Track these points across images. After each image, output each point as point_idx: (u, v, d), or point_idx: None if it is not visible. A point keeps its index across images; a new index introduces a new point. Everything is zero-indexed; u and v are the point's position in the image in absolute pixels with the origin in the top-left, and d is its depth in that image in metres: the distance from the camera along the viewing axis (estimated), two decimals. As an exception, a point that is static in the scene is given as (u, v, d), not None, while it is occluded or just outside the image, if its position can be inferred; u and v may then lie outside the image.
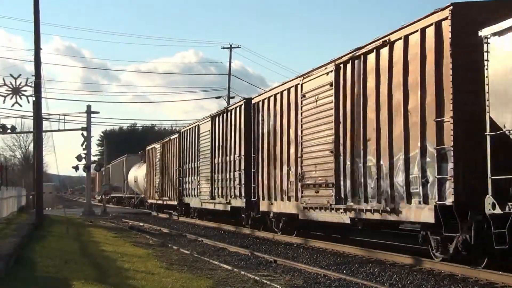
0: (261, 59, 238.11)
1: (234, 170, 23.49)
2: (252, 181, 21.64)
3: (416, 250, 14.20)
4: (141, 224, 30.55)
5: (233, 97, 55.36)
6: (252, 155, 21.74)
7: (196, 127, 29.95)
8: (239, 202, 23.14)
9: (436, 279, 11.38)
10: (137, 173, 49.32)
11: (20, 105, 28.98)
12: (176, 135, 34.19)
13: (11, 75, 28.84)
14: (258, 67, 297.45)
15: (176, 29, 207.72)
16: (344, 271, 12.62)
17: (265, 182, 20.72)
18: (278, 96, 19.92)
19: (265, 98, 21.05)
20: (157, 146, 39.96)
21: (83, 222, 31.21)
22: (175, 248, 17.55)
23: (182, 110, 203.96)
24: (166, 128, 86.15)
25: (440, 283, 11.00)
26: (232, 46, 55.93)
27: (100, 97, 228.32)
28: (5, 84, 28.84)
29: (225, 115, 25.13)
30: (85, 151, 40.73)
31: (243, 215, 23.13)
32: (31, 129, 45.05)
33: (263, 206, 21.03)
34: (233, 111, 24.14)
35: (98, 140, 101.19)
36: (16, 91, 28.53)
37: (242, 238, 21.19)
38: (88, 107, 41.60)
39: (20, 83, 28.60)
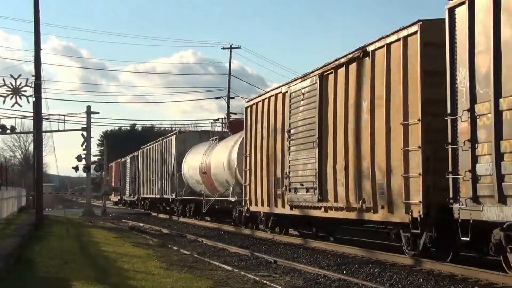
0: (260, 59, 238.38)
1: None
2: None
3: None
4: (141, 224, 30.54)
5: (233, 98, 55.42)
6: None
7: None
8: None
9: (436, 279, 11.38)
10: (210, 159, 27.90)
11: (20, 106, 29.06)
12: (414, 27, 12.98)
13: (11, 76, 28.93)
14: (257, 67, 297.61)
15: (175, 29, 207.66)
16: (344, 272, 12.61)
17: None
18: None
19: None
20: (304, 85, 17.78)
21: (83, 223, 31.20)
22: (175, 249, 17.55)
23: (181, 110, 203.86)
24: (166, 128, 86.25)
25: (440, 284, 10.99)
26: (232, 46, 55.95)
27: (99, 98, 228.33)
28: (5, 85, 28.91)
29: None
30: (85, 152, 40.75)
31: None
32: (31, 129, 45.14)
33: None
34: None
35: (98, 140, 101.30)
36: (16, 91, 28.57)
37: (242, 238, 21.16)
38: (88, 107, 41.61)
39: (20, 83, 28.68)
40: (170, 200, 36.65)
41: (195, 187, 31.34)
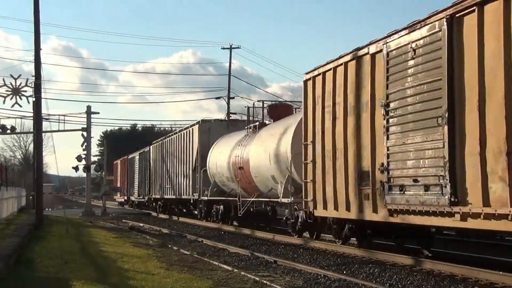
0: (260, 59, 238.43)
1: None
2: None
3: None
4: (141, 224, 30.54)
5: (233, 98, 55.44)
6: None
7: None
8: None
9: (436, 279, 11.38)
10: (248, 151, 23.04)
11: (20, 106, 29.12)
12: None
13: (11, 76, 28.96)
14: (257, 67, 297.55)
15: (175, 29, 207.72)
16: (344, 272, 12.61)
17: None
18: None
19: None
20: (414, 37, 12.32)
21: (83, 223, 31.22)
22: (175, 249, 17.55)
23: (181, 110, 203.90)
24: (166, 128, 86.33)
25: (440, 284, 11.00)
26: (232, 46, 56.00)
27: (99, 98, 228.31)
28: (5, 85, 28.95)
29: None
30: (85, 152, 40.78)
31: None
32: (31, 130, 45.21)
33: None
34: None
35: (98, 140, 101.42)
36: (16, 91, 28.60)
37: (242, 238, 21.17)
38: (88, 107, 41.70)
39: (20, 83, 28.72)
40: (191, 201, 31.27)
41: (224, 186, 26.39)
